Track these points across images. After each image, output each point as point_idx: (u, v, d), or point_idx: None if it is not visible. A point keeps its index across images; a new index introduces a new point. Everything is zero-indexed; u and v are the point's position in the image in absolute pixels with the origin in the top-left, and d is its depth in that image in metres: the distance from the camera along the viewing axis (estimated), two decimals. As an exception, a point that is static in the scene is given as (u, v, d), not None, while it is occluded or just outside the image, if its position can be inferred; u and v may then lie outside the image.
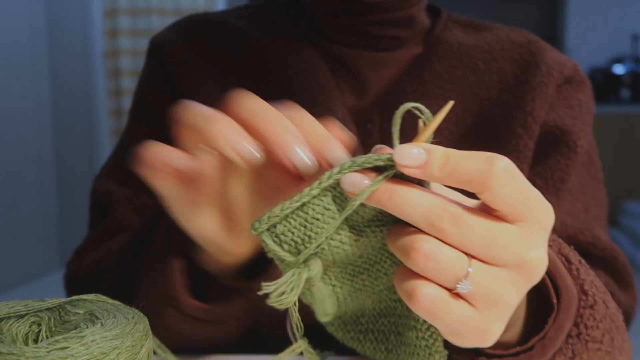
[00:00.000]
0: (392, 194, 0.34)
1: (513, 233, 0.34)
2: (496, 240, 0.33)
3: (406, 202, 0.33)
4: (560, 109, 0.68)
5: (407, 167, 0.33)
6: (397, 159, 0.33)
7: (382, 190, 0.34)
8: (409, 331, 0.41)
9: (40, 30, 3.36)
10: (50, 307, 0.40)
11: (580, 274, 0.46)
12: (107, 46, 3.35)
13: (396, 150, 0.34)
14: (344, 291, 0.41)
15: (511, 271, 0.34)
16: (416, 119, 0.36)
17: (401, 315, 0.43)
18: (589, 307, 0.45)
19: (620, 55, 4.73)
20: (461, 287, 0.33)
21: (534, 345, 0.43)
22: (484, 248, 0.33)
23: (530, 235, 0.34)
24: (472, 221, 0.33)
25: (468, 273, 0.33)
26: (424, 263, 0.33)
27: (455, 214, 0.33)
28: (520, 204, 0.33)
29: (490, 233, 0.33)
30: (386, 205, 0.34)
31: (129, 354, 0.35)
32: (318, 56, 0.69)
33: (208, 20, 0.74)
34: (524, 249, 0.34)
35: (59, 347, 0.33)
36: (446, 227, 0.33)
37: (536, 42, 0.71)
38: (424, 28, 0.72)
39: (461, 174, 0.33)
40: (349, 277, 0.41)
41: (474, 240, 0.33)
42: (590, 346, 0.45)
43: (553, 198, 0.66)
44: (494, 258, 0.34)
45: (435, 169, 0.33)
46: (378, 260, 0.40)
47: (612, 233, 3.83)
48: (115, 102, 3.40)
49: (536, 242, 0.34)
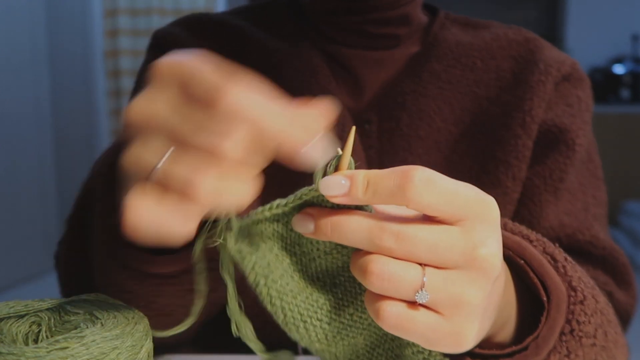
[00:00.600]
0: (334, 225, 0.35)
1: (456, 233, 0.34)
2: (440, 244, 0.34)
3: (347, 230, 0.35)
4: (559, 107, 0.68)
5: (334, 197, 0.35)
6: (323, 191, 0.35)
7: (325, 223, 0.35)
8: (405, 349, 0.42)
9: (40, 30, 3.36)
10: (50, 307, 0.40)
11: (567, 271, 0.46)
12: (107, 46, 3.35)
13: (321, 183, 0.35)
14: (333, 328, 0.41)
15: (464, 270, 0.35)
16: (411, 118, 0.36)
17: (393, 337, 0.43)
18: (579, 302, 0.45)
19: (620, 55, 4.73)
20: (419, 297, 0.34)
21: (528, 345, 0.43)
22: (431, 254, 0.34)
23: (473, 232, 0.34)
24: (413, 232, 0.34)
25: (424, 282, 0.34)
26: (379, 283, 0.34)
27: (394, 230, 0.34)
28: (448, 206, 0.34)
29: (433, 239, 0.34)
30: (332, 237, 0.35)
31: (129, 353, 0.35)
32: (319, 56, 0.69)
33: (209, 19, 0.74)
34: (469, 247, 0.34)
35: (59, 347, 0.33)
36: (389, 244, 0.34)
37: (535, 40, 0.71)
38: (421, 26, 0.72)
39: (382, 192, 0.34)
40: (335, 311, 0.41)
41: (419, 249, 0.34)
42: (584, 342, 0.45)
43: (552, 198, 0.66)
44: (444, 261, 0.34)
45: (360, 193, 0.35)
46: (358, 292, 0.40)
47: (612, 233, 3.83)
48: (115, 102, 3.40)
49: (482, 237, 0.35)
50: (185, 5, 3.34)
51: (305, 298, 0.40)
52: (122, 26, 3.30)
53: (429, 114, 0.67)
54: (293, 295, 0.40)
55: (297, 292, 0.40)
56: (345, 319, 0.41)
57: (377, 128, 0.67)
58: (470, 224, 0.35)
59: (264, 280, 0.39)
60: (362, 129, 0.67)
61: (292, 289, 0.40)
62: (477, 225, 0.35)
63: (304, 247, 0.39)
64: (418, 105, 0.67)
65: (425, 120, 0.67)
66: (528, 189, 0.67)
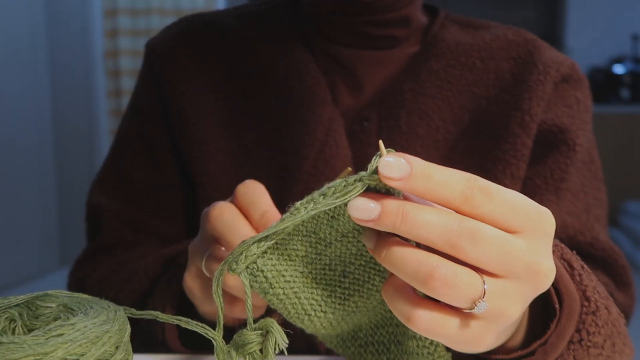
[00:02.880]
0: (405, 216, 0.32)
1: (523, 244, 0.33)
2: (512, 253, 0.33)
3: (421, 223, 0.32)
4: (558, 108, 0.68)
5: (391, 179, 0.32)
6: (381, 169, 0.32)
7: (395, 213, 0.32)
8: (409, 340, 0.42)
9: (40, 30, 3.36)
10: (19, 304, 0.41)
11: (583, 280, 0.45)
12: (107, 46, 3.35)
13: (381, 161, 0.33)
14: (337, 316, 0.42)
15: (521, 282, 0.34)
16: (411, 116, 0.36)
17: (398, 324, 0.43)
18: (592, 313, 0.45)
19: (620, 55, 4.73)
20: (478, 308, 0.33)
21: (535, 350, 0.43)
22: (500, 262, 0.33)
23: (535, 244, 0.34)
24: (489, 236, 0.32)
25: (484, 292, 0.33)
26: (443, 290, 0.32)
27: (472, 230, 0.32)
28: (508, 217, 0.33)
29: (506, 246, 0.33)
30: (400, 229, 0.33)
31: (118, 337, 0.37)
32: (312, 58, 0.69)
33: (203, 22, 0.74)
34: (536, 259, 0.34)
35: (55, 334, 0.35)
36: (464, 244, 0.32)
37: (534, 40, 0.71)
38: (420, 27, 0.72)
39: (443, 191, 0.33)
40: (339, 301, 0.41)
41: (491, 255, 0.32)
42: (591, 352, 0.45)
43: (553, 197, 0.66)
44: (510, 271, 0.33)
45: (419, 182, 0.32)
46: (367, 279, 0.40)
47: (612, 233, 3.83)
48: (115, 102, 3.40)
49: (544, 250, 0.34)
50: (185, 5, 3.34)
51: (310, 294, 0.41)
52: (122, 26, 3.30)
53: (427, 113, 0.67)
54: (297, 296, 0.40)
55: (301, 291, 0.40)
56: (349, 307, 0.42)
57: (376, 126, 0.67)
58: (532, 235, 0.34)
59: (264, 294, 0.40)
60: (362, 126, 0.68)
61: (296, 290, 0.40)
62: (538, 238, 0.34)
63: (321, 233, 0.39)
64: (417, 104, 0.67)
65: (424, 119, 0.67)
66: (529, 189, 0.67)
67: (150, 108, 0.73)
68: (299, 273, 0.40)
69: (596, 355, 0.45)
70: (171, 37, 0.74)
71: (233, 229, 0.45)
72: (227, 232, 0.45)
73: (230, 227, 0.45)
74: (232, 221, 0.46)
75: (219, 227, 0.46)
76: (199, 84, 0.71)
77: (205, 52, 0.72)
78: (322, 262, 0.40)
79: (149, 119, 0.73)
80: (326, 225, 0.38)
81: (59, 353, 0.33)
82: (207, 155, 0.69)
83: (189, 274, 0.50)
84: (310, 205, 0.35)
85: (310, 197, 0.36)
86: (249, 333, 0.39)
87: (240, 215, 0.46)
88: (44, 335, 0.35)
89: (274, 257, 0.39)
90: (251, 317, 0.39)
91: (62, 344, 0.34)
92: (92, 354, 0.35)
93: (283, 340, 0.38)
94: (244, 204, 0.47)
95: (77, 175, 3.49)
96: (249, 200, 0.46)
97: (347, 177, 0.35)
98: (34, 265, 3.30)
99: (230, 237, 0.45)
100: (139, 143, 0.73)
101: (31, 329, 0.40)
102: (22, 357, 0.33)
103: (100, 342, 0.35)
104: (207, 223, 0.47)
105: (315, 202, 0.35)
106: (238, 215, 0.46)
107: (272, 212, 0.46)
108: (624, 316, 0.65)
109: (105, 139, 3.45)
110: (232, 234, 0.45)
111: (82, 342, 0.35)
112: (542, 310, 0.46)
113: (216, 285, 0.39)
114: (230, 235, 0.45)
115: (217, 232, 0.46)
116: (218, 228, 0.46)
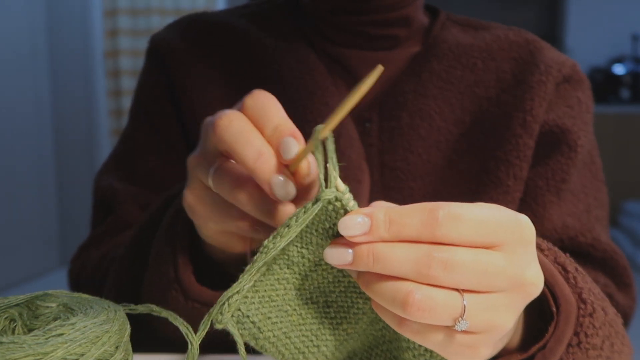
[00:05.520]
0: (376, 257, 0.33)
1: (501, 258, 0.33)
2: (490, 270, 0.33)
3: (392, 260, 0.33)
4: (560, 108, 0.68)
5: (354, 237, 0.34)
6: (342, 232, 0.34)
7: (366, 255, 0.33)
8: (404, 353, 0.42)
9: (40, 30, 3.36)
10: (19, 304, 0.41)
11: (578, 282, 0.46)
12: (107, 46, 3.35)
13: (340, 223, 0.34)
14: (330, 348, 0.42)
15: (507, 294, 0.34)
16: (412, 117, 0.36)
17: (391, 340, 0.43)
18: (588, 315, 0.45)
19: (620, 55, 4.73)
20: (459, 326, 0.33)
21: (534, 354, 0.43)
22: (478, 281, 0.33)
23: (515, 255, 0.34)
24: (461, 259, 0.33)
25: (464, 309, 0.33)
26: (419, 314, 0.33)
27: (442, 259, 0.32)
28: (481, 236, 0.33)
29: (482, 265, 0.33)
30: (374, 268, 0.34)
31: (118, 336, 0.37)
32: (315, 55, 0.69)
33: (207, 20, 0.74)
34: (518, 270, 0.34)
35: (55, 334, 0.35)
36: (437, 273, 0.33)
37: (535, 41, 0.71)
38: (421, 27, 0.72)
39: (407, 232, 0.33)
40: (329, 332, 0.41)
41: (467, 277, 0.33)
42: (590, 354, 0.45)
43: (554, 198, 0.66)
44: (492, 287, 0.34)
45: (382, 231, 0.33)
46: (350, 305, 0.40)
47: (612, 233, 3.83)
48: (115, 102, 3.40)
49: (526, 259, 0.34)
50: (185, 5, 3.34)
51: (299, 332, 0.41)
52: (122, 26, 3.31)
53: (429, 113, 0.67)
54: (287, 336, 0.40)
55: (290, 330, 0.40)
56: (340, 336, 0.41)
57: (377, 127, 0.67)
58: (510, 247, 0.34)
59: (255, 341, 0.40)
60: (363, 127, 0.67)
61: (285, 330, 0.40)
62: (517, 248, 0.34)
63: (294, 267, 0.39)
64: (418, 105, 0.67)
65: (425, 119, 0.67)
66: (531, 189, 0.67)
67: (160, 100, 0.72)
68: (283, 312, 0.40)
69: (595, 356, 0.46)
70: (176, 33, 0.74)
71: (243, 139, 0.39)
72: (236, 143, 0.39)
73: (241, 138, 0.39)
74: (242, 131, 0.40)
75: (227, 137, 0.40)
76: (206, 78, 0.70)
77: (211, 48, 0.72)
78: (304, 297, 0.40)
79: (160, 111, 0.72)
80: (298, 257, 0.38)
81: (58, 353, 0.33)
82: None
83: (190, 190, 0.45)
84: (277, 239, 0.36)
85: (275, 232, 0.36)
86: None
87: (251, 124, 0.40)
88: (44, 335, 0.35)
89: (255, 301, 0.39)
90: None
91: (62, 344, 0.34)
92: (92, 353, 0.35)
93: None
94: (255, 117, 0.41)
95: (77, 175, 3.49)
96: (260, 113, 0.41)
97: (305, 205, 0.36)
98: (34, 265, 3.30)
99: (241, 148, 0.39)
100: (151, 132, 0.72)
101: (31, 328, 0.40)
102: (22, 357, 0.33)
103: (100, 342, 0.35)
104: (213, 134, 0.41)
105: (282, 234, 0.36)
106: (249, 125, 0.40)
107: (286, 125, 0.40)
108: (624, 317, 0.65)
109: (105, 139, 3.45)
110: (243, 145, 0.39)
111: (82, 342, 0.35)
112: (539, 311, 0.46)
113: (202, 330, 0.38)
114: (240, 146, 0.39)
115: (225, 144, 0.40)
116: (226, 139, 0.40)
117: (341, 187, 0.35)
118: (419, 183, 0.66)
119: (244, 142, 0.39)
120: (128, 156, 0.74)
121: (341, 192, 0.35)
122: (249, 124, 0.40)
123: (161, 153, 0.72)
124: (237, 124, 0.40)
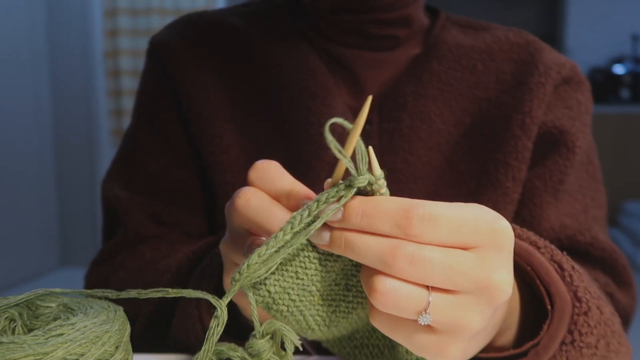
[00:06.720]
0: (347, 241, 0.35)
1: (470, 259, 0.34)
2: (455, 269, 0.34)
3: (359, 247, 0.35)
4: (559, 110, 0.68)
5: (332, 222, 0.36)
6: (321, 215, 0.36)
7: (339, 238, 0.36)
8: (399, 345, 0.42)
9: (40, 30, 3.36)
10: (18, 303, 0.41)
11: (574, 281, 0.46)
12: (107, 46, 3.35)
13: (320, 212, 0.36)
14: (340, 328, 0.42)
15: (473, 296, 0.34)
16: (412, 119, 0.36)
17: None
18: (583, 313, 0.45)
19: (620, 55, 4.73)
20: (422, 320, 0.34)
21: (527, 350, 0.44)
22: (443, 279, 0.34)
23: (486, 259, 0.34)
24: (428, 255, 0.33)
25: (428, 304, 0.34)
26: (383, 302, 0.34)
27: (408, 253, 0.33)
28: (455, 238, 0.34)
29: (448, 264, 0.33)
30: (345, 252, 0.36)
31: (118, 337, 0.37)
32: (316, 56, 0.69)
33: (206, 20, 0.74)
34: (485, 273, 0.34)
35: (55, 334, 0.35)
36: (402, 266, 0.33)
37: (535, 42, 0.71)
38: (422, 28, 0.72)
39: (381, 225, 0.34)
40: (343, 315, 0.41)
41: (432, 273, 0.34)
42: (584, 352, 0.45)
43: (552, 199, 0.66)
44: (455, 286, 0.34)
45: (354, 221, 0.35)
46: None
47: (612, 233, 3.83)
48: (115, 102, 3.40)
49: (497, 264, 0.35)
50: (185, 5, 3.34)
51: (316, 311, 0.41)
52: (122, 26, 3.31)
53: (429, 115, 0.67)
54: (302, 314, 0.41)
55: (307, 309, 0.40)
56: (352, 319, 0.42)
57: (377, 128, 0.67)
58: (484, 251, 0.34)
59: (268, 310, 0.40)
60: (363, 129, 0.67)
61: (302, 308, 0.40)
62: (491, 252, 0.34)
63: None
64: (418, 107, 0.67)
65: (425, 121, 0.67)
66: (528, 190, 0.67)
67: (161, 101, 0.72)
68: (307, 292, 0.40)
69: (590, 355, 0.46)
70: (176, 34, 0.73)
71: (265, 213, 0.40)
72: (260, 218, 0.40)
73: (262, 212, 0.40)
74: (262, 205, 0.41)
75: (249, 214, 0.41)
76: (206, 79, 0.70)
77: (211, 48, 0.72)
78: (330, 279, 0.40)
79: (162, 112, 0.72)
80: None
81: (58, 353, 0.33)
82: (220, 149, 0.68)
83: (228, 274, 0.46)
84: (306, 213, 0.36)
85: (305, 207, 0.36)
86: (260, 341, 0.38)
87: (267, 197, 0.41)
88: (44, 335, 0.35)
89: (276, 272, 0.39)
90: (259, 326, 0.39)
91: (62, 344, 0.34)
92: (92, 353, 0.35)
93: (295, 340, 0.38)
94: (265, 189, 0.42)
95: (77, 175, 3.49)
96: (269, 184, 0.42)
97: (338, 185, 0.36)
98: (34, 265, 3.30)
99: (265, 222, 0.40)
100: (155, 135, 0.72)
101: (31, 328, 0.40)
102: (22, 357, 0.33)
103: (100, 342, 0.35)
104: (235, 216, 0.42)
105: (310, 209, 0.36)
106: (266, 198, 0.41)
107: (298, 189, 0.41)
108: (625, 316, 0.65)
109: (105, 139, 3.45)
110: (267, 218, 0.40)
111: (82, 342, 0.35)
112: (536, 308, 0.46)
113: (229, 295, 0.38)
114: (264, 220, 0.40)
115: (249, 221, 0.41)
116: (249, 216, 0.41)
117: (377, 172, 0.36)
118: (419, 185, 0.66)
119: (266, 216, 0.40)
120: (131, 158, 0.73)
121: (375, 177, 0.36)
122: (266, 196, 0.41)
123: (163, 153, 0.72)
124: (254, 200, 0.41)
